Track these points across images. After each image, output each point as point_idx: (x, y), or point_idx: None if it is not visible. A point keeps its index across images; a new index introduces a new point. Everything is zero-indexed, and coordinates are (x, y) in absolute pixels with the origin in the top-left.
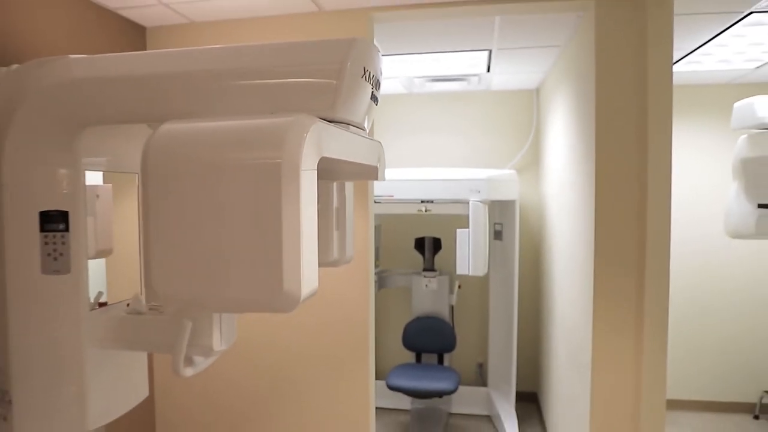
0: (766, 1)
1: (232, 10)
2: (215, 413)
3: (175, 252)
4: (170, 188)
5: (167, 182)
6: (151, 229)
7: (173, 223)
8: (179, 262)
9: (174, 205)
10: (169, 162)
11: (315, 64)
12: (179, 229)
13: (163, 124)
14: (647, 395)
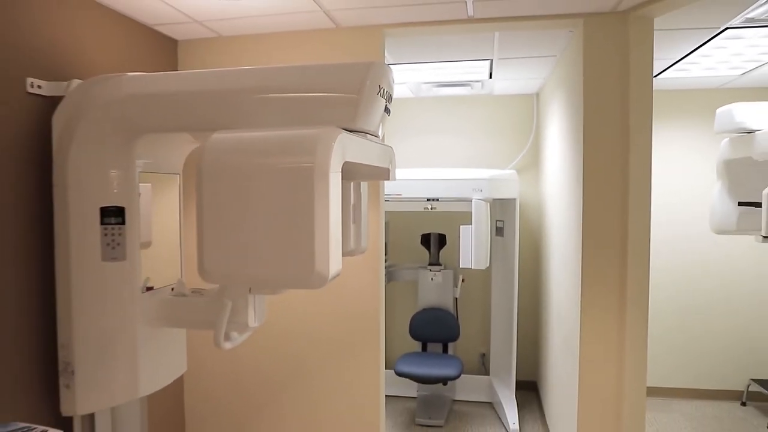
0: (739, 18)
1: (257, 25)
2: (237, 398)
3: (225, 239)
4: (221, 186)
5: (219, 181)
6: (204, 220)
7: (223, 215)
8: (228, 247)
9: (224, 199)
10: (221, 164)
11: (339, 84)
12: (228, 219)
13: (214, 133)
14: (630, 365)
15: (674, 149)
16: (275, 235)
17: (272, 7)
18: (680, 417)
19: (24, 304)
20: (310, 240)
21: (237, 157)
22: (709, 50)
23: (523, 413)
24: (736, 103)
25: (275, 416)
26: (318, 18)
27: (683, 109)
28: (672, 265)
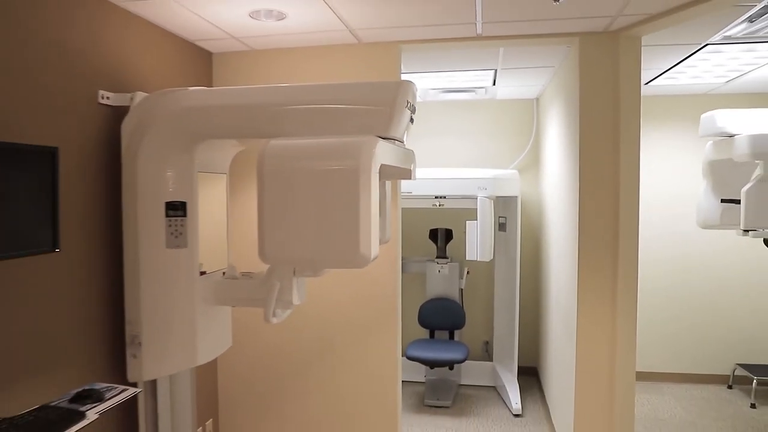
0: (718, 36)
1: (286, 41)
2: (265, 375)
3: (282, 227)
4: (279, 184)
5: (277, 180)
6: (265, 212)
7: (280, 207)
8: (285, 234)
9: (282, 195)
10: (280, 166)
11: (375, 99)
12: (285, 211)
13: (271, 141)
14: (621, 347)
15: (664, 151)
16: (326, 224)
17: (305, 26)
18: (671, 399)
19: (98, 286)
20: (355, 227)
21: (294, 160)
22: (693, 62)
23: (525, 396)
24: (718, 110)
25: (300, 392)
26: (343, 35)
27: (672, 114)
28: (662, 258)
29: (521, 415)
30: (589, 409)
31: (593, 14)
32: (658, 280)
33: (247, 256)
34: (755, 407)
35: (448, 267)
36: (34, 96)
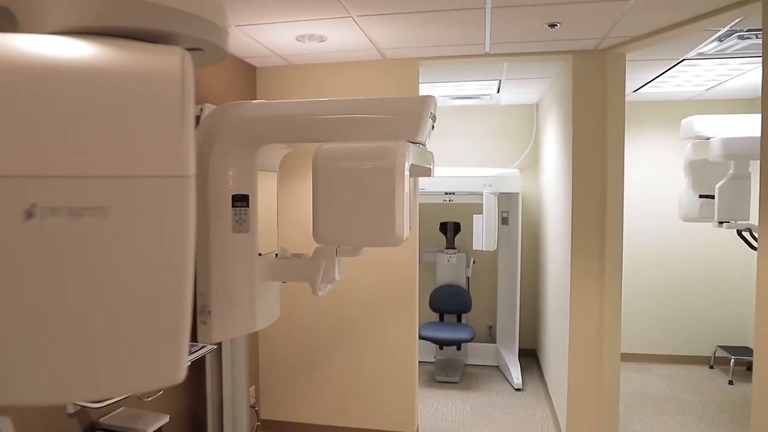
0: (693, 52)
1: (322, 57)
2: (299, 348)
3: (332, 213)
4: (330, 179)
5: (328, 175)
6: (318, 201)
7: (331, 197)
8: (334, 219)
9: (332, 187)
10: (329, 165)
11: (406, 111)
12: (334, 200)
13: (323, 145)
14: (608, 321)
15: (651, 151)
16: (368, 211)
17: (341, 46)
18: (656, 377)
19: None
20: (392, 213)
21: (342, 160)
22: (674, 73)
23: (525, 374)
24: (695, 116)
25: (328, 365)
26: (370, 53)
27: (658, 118)
28: (648, 250)
29: (522, 389)
30: (580, 382)
31: (584, 37)
32: (645, 270)
33: (293, 241)
34: (732, 384)
35: (456, 257)
36: None
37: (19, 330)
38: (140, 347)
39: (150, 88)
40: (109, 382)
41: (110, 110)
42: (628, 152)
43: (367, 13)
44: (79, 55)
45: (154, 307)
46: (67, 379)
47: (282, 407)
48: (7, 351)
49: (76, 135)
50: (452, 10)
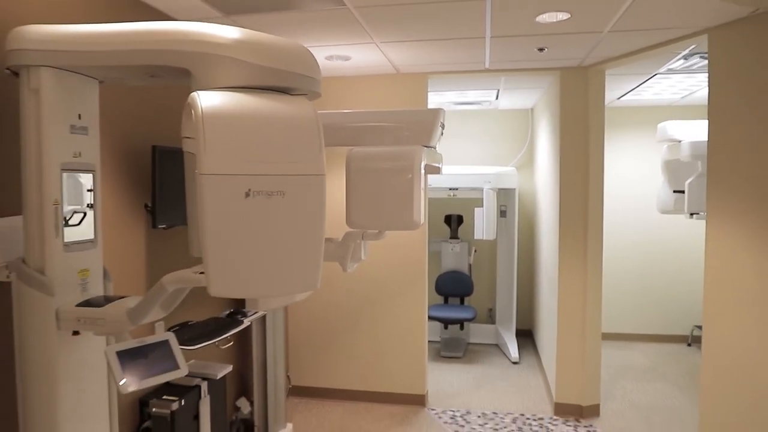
0: (663, 68)
1: (344, 71)
2: (324, 324)
3: (362, 204)
4: (360, 176)
5: (359, 173)
6: (350, 194)
7: (361, 191)
8: (364, 208)
9: (362, 182)
10: (360, 165)
11: (421, 120)
12: (364, 194)
13: (353, 148)
14: (590, 300)
15: (634, 151)
16: (391, 201)
17: (362, 63)
18: (638, 353)
19: None
20: (410, 203)
21: (370, 161)
22: (650, 84)
23: (521, 351)
24: (669, 121)
25: (349, 337)
26: (386, 68)
27: (640, 122)
28: (630, 240)
29: (518, 363)
30: (567, 353)
31: (568, 57)
32: (628, 258)
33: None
34: None
35: (460, 246)
36: None
37: (244, 245)
38: (302, 264)
39: (304, 124)
40: (292, 283)
41: (286, 137)
42: (612, 152)
43: (388, 41)
44: (268, 103)
45: (308, 242)
46: (275, 280)
47: (308, 374)
48: (246, 264)
49: (270, 151)
50: (457, 38)
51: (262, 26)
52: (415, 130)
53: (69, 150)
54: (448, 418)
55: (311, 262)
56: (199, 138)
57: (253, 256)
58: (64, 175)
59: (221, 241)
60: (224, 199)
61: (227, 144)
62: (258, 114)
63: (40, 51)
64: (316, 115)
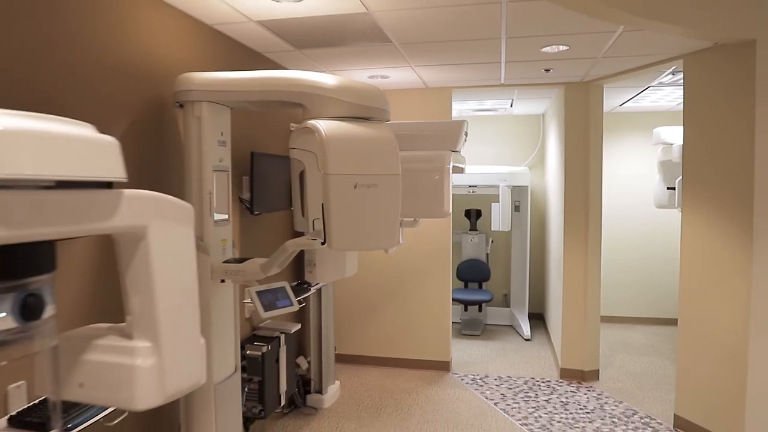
0: (655, 82)
1: (383, 86)
2: (361, 302)
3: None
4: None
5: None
6: None
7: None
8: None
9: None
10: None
11: (449, 130)
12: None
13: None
14: (591, 279)
15: (632, 152)
16: (426, 195)
17: (398, 80)
18: (637, 332)
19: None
20: (441, 196)
21: (410, 162)
22: (645, 95)
23: (533, 330)
24: (662, 126)
25: (384, 312)
26: (417, 84)
27: (639, 126)
28: (630, 232)
29: (530, 339)
30: (571, 328)
31: (571, 75)
32: (628, 249)
33: None
34: None
35: (478, 237)
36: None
37: (353, 218)
38: (387, 230)
39: (387, 141)
40: (380, 242)
41: (376, 150)
42: (615, 153)
43: (422, 65)
44: (362, 128)
45: (390, 216)
46: (370, 239)
47: (350, 343)
48: (354, 229)
49: (367, 160)
50: (477, 63)
51: (325, 56)
52: (445, 138)
53: (216, 157)
54: (469, 380)
55: (392, 228)
56: (324, 151)
57: (358, 224)
58: (213, 174)
59: (340, 215)
60: (341, 189)
61: (342, 155)
62: (358, 135)
63: (201, 91)
64: (393, 136)
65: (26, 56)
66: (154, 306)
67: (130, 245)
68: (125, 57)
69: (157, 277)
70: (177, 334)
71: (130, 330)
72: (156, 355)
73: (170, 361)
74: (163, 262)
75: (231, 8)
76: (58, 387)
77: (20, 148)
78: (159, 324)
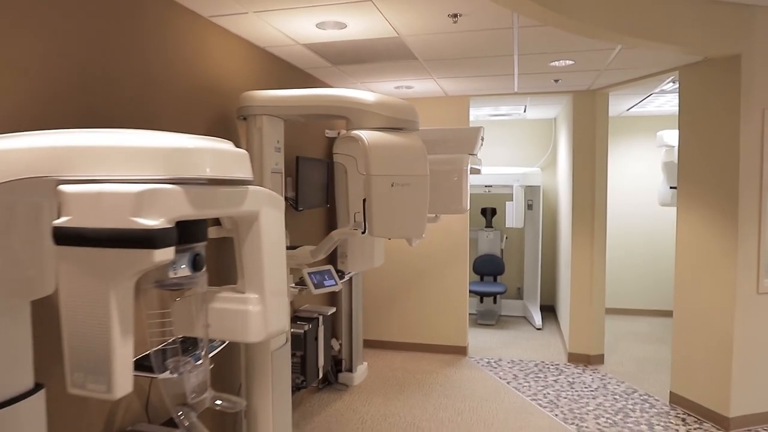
0: (657, 90)
1: (407, 95)
2: (383, 291)
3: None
4: None
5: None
6: None
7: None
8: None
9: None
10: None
11: (468, 135)
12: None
13: None
14: (596, 272)
15: (639, 154)
16: (447, 192)
17: (421, 90)
18: (641, 322)
19: (324, 228)
20: (461, 194)
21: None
22: (650, 99)
23: (544, 321)
24: (664, 130)
25: (405, 301)
26: (438, 92)
27: (645, 129)
28: (636, 229)
29: (541, 329)
30: (579, 316)
31: (578, 84)
32: (634, 245)
33: None
34: None
35: (493, 233)
36: (316, 132)
37: (390, 211)
38: (417, 221)
39: (417, 148)
40: (411, 231)
41: (408, 155)
42: (622, 155)
43: (443, 77)
44: (397, 137)
45: (420, 211)
46: (404, 228)
47: (374, 329)
48: (391, 220)
49: (402, 163)
50: (493, 75)
51: (358, 71)
52: (463, 143)
53: (273, 161)
54: (484, 363)
55: (421, 219)
56: (367, 156)
57: (394, 215)
58: (271, 176)
59: (380, 208)
60: (381, 187)
61: (381, 159)
62: (394, 143)
63: (262, 107)
64: (422, 143)
65: (136, 84)
66: (261, 269)
67: (246, 225)
68: (201, 78)
69: (264, 248)
70: (274, 291)
71: (243, 287)
72: (262, 304)
73: (270, 310)
74: (268, 237)
75: (283, 34)
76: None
77: (203, 159)
78: (264, 282)
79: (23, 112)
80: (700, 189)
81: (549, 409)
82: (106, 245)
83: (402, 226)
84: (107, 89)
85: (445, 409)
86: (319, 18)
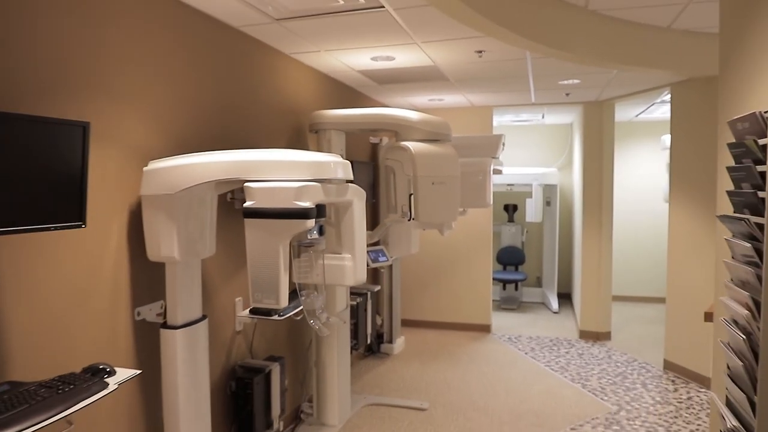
0: (658, 100)
1: (438, 106)
2: (415, 279)
3: None
4: None
5: None
6: None
7: None
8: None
9: None
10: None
11: (491, 142)
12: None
13: None
14: (604, 261)
15: (646, 155)
16: (473, 190)
17: (451, 101)
18: (648, 308)
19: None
20: (484, 191)
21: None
22: (655, 107)
23: (561, 307)
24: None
25: (435, 285)
26: (464, 104)
27: (652, 133)
28: (643, 223)
29: (558, 312)
30: (589, 300)
31: (587, 96)
32: (642, 238)
33: None
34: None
35: (515, 227)
36: (362, 140)
37: (431, 203)
38: (451, 211)
39: (451, 156)
40: (446, 219)
41: (444, 161)
42: (630, 157)
43: (471, 92)
44: (435, 147)
45: (453, 203)
46: (441, 216)
47: (409, 309)
48: (432, 210)
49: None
50: (512, 91)
51: (398, 89)
52: (487, 148)
53: None
54: (505, 338)
55: (454, 210)
56: (414, 162)
57: (434, 207)
58: None
59: (424, 201)
60: (424, 185)
61: (424, 164)
62: (433, 151)
63: (330, 123)
64: (455, 151)
65: (248, 108)
66: (353, 238)
67: (343, 209)
68: (284, 100)
69: (356, 225)
70: (360, 253)
71: (340, 250)
72: (353, 261)
73: (358, 265)
74: (357, 218)
75: (343, 64)
76: (317, 272)
77: (332, 167)
78: (355, 247)
79: (185, 130)
80: (689, 186)
81: (559, 372)
82: (277, 218)
83: (440, 214)
84: (233, 114)
85: (472, 372)
86: (374, 54)
